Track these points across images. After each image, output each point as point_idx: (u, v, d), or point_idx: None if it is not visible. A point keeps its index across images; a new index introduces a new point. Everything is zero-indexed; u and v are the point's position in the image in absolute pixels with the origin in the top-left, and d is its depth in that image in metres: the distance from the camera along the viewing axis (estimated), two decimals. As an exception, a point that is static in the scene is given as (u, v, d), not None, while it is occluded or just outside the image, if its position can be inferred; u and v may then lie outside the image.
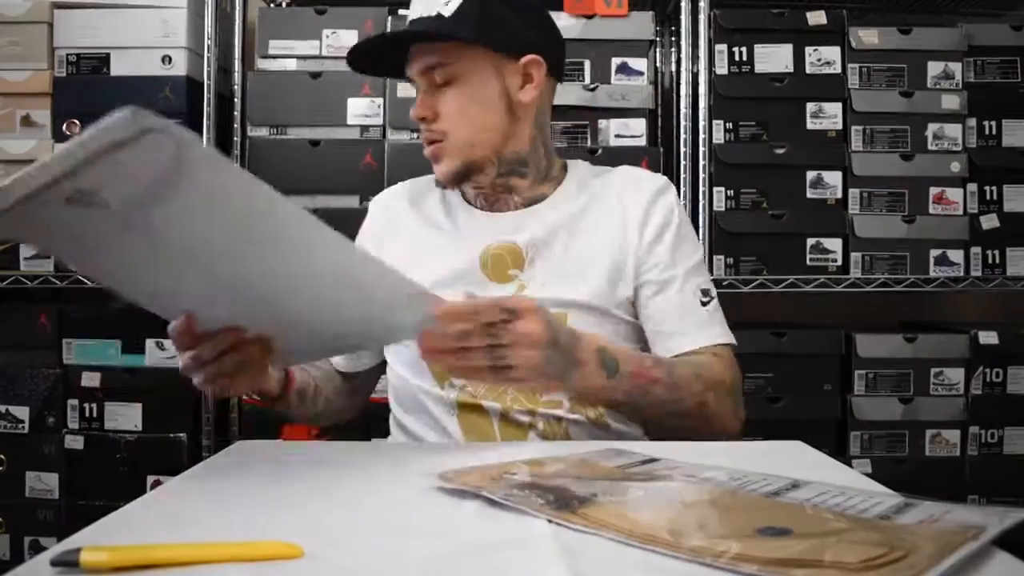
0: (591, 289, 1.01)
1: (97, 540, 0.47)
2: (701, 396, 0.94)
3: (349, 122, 1.80)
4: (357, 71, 1.10)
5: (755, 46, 1.80)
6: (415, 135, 1.80)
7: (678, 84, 1.89)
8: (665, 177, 1.11)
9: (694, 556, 0.48)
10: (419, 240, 1.08)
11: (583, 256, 1.03)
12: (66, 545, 0.47)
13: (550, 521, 0.55)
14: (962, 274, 1.79)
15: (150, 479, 1.73)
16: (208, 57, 1.81)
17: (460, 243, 1.06)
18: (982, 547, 0.48)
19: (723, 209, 1.79)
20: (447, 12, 0.98)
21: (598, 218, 1.05)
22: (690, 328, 1.01)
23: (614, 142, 1.80)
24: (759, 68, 1.80)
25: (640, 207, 1.05)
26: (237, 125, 1.82)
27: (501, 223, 1.06)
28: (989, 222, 1.79)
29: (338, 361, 1.13)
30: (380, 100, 1.80)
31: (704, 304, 1.02)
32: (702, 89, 1.79)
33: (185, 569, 0.46)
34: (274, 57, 1.83)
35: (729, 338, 1.03)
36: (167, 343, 1.79)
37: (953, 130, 1.79)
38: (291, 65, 1.83)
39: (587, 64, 1.79)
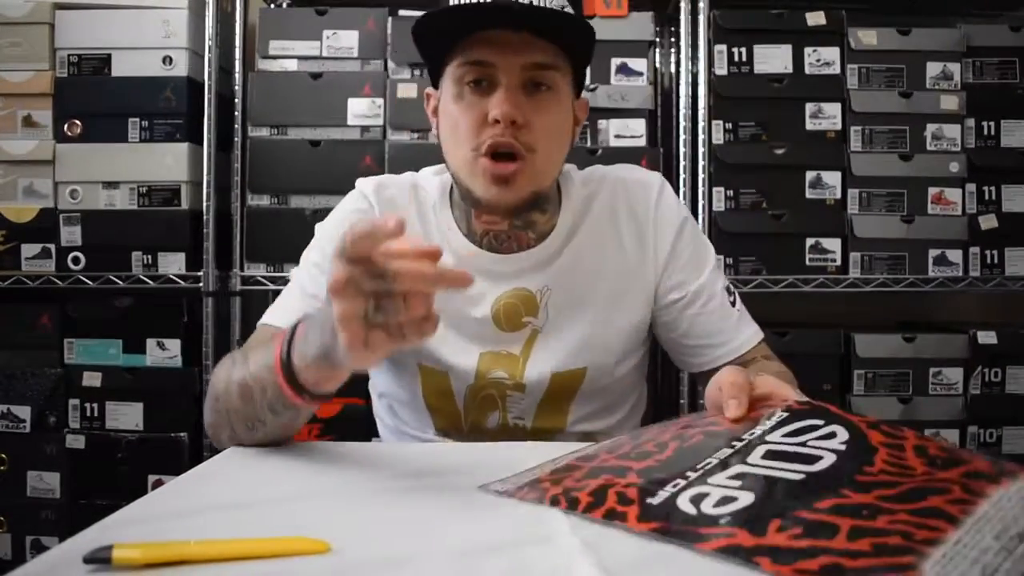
0: (605, 323, 0.97)
1: (101, 539, 0.48)
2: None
3: (349, 123, 1.81)
4: (420, 33, 0.88)
5: (754, 47, 1.80)
6: (415, 136, 1.80)
7: (678, 84, 1.90)
8: (657, 175, 1.02)
9: None
10: None
11: (595, 291, 0.97)
12: (73, 544, 0.48)
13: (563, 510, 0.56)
14: (961, 274, 1.80)
15: (151, 479, 1.74)
16: (209, 58, 1.81)
17: (468, 295, 0.93)
18: None
19: (722, 209, 1.79)
20: (570, 10, 0.87)
21: (604, 246, 0.98)
22: (731, 335, 0.98)
23: (614, 142, 1.81)
24: (758, 69, 1.80)
25: (645, 227, 0.98)
26: (238, 126, 1.82)
27: (512, 268, 0.96)
28: (988, 222, 1.80)
29: None
30: (380, 101, 1.80)
31: (733, 304, 0.99)
32: (701, 89, 1.80)
33: (214, 565, 0.47)
34: (275, 58, 1.84)
35: (760, 331, 1.00)
36: (168, 343, 1.80)
37: (952, 130, 1.79)
38: (292, 66, 1.83)
39: (587, 65, 1.80)
